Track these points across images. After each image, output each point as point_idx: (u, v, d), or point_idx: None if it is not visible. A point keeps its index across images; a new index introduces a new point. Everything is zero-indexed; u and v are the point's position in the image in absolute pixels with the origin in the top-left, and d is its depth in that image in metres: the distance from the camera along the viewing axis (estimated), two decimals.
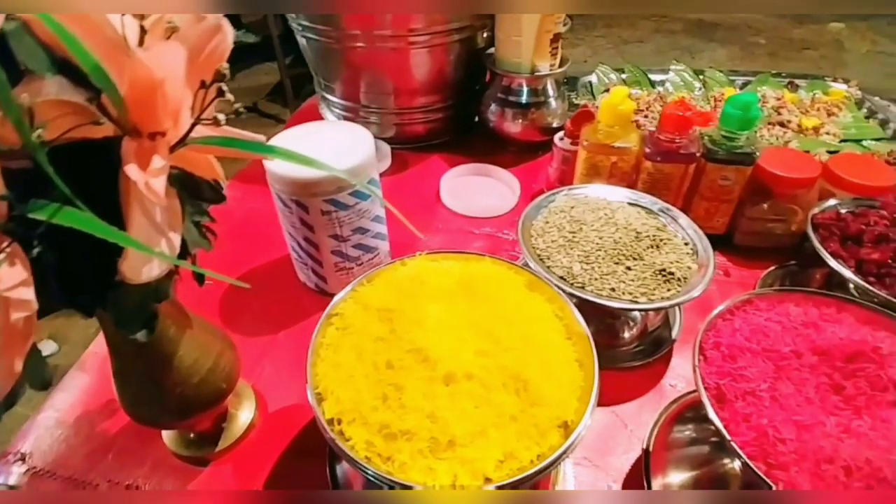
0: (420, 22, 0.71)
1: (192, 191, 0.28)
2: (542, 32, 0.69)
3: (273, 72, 2.51)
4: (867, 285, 0.46)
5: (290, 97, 2.40)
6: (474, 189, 0.74)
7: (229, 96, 0.24)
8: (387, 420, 0.32)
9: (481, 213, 0.69)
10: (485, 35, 0.79)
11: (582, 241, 0.50)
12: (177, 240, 0.24)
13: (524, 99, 0.76)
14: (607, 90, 0.93)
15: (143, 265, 0.23)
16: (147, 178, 0.21)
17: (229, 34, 0.24)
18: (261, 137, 0.26)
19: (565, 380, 0.35)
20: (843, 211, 0.54)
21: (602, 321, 0.54)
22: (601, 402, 0.48)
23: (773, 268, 0.61)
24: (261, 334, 0.55)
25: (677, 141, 0.57)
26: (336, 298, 0.40)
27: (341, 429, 0.32)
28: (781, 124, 0.86)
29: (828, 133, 0.83)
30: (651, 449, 0.45)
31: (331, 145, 0.50)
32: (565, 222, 0.52)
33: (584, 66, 1.00)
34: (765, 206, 0.59)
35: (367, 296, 0.40)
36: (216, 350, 0.40)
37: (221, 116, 0.25)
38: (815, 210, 0.54)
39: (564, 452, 0.31)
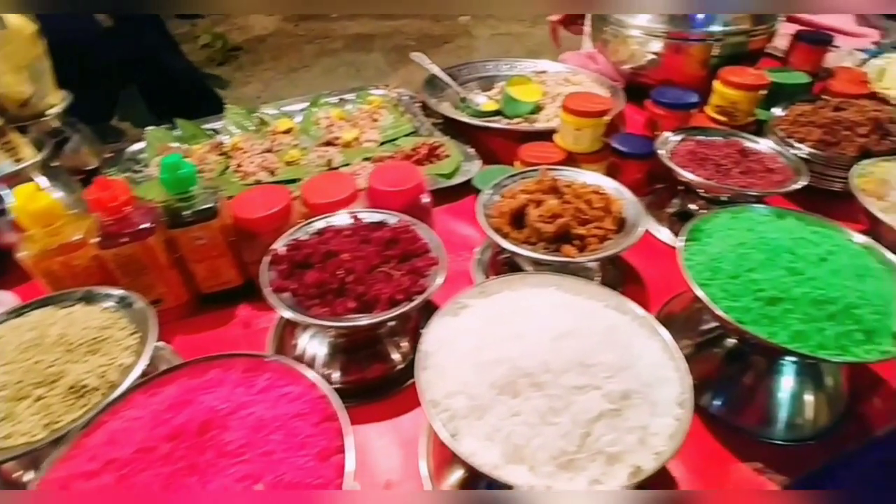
0: None
1: None
2: None
3: None
4: (297, 315, 0.47)
5: None
6: None
7: None
8: None
9: None
10: None
11: None
12: None
13: None
14: (159, 154, 0.87)
15: None
16: None
17: None
18: None
19: None
20: (306, 236, 0.56)
21: None
22: None
23: None
24: None
25: (122, 221, 0.53)
26: None
27: None
28: (330, 143, 0.90)
29: (368, 140, 0.90)
30: None
31: None
32: None
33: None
34: (255, 247, 0.59)
35: None
36: None
37: None
38: (276, 244, 0.55)
39: None
